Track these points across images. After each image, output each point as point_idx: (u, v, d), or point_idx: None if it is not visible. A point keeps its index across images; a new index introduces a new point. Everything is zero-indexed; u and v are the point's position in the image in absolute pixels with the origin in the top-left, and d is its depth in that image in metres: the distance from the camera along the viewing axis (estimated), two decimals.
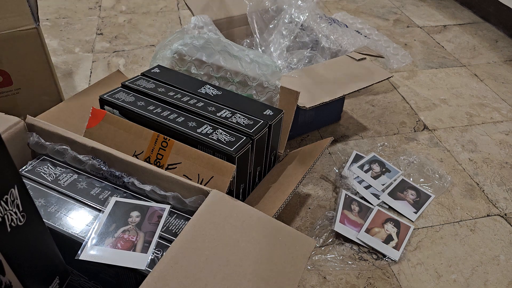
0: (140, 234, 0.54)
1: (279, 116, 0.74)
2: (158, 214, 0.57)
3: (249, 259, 0.49)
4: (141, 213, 0.57)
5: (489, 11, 1.67)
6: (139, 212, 0.57)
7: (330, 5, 1.75)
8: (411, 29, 1.61)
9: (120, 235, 0.54)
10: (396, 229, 0.83)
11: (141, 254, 0.52)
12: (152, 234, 0.55)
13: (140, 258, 0.51)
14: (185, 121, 0.69)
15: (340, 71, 1.04)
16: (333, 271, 0.76)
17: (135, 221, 0.56)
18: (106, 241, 0.53)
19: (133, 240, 0.53)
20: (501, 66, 1.40)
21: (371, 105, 1.19)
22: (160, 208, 0.58)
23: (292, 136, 1.04)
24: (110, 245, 0.52)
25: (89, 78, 1.23)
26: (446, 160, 1.02)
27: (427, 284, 0.74)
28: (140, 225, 0.55)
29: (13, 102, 0.88)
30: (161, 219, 0.57)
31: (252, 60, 0.82)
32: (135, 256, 0.51)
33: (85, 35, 1.44)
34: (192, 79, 0.81)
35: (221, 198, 0.55)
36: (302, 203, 0.88)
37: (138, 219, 0.56)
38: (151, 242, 0.53)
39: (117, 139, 0.67)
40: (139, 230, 0.55)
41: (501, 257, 0.80)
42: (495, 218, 0.88)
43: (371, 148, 1.04)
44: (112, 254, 0.51)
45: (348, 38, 1.18)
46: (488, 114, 1.18)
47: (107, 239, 0.53)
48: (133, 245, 0.53)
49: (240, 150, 0.64)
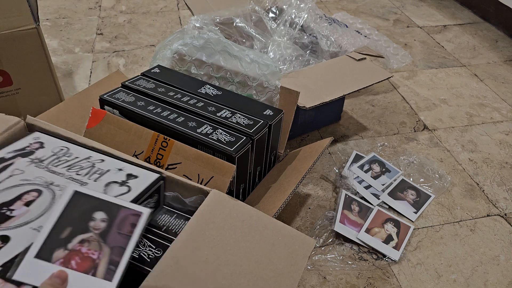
0: (104, 249, 0.40)
1: (279, 116, 0.74)
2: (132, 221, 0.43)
3: (249, 259, 0.49)
4: (109, 215, 0.43)
5: (489, 11, 1.67)
6: (106, 213, 0.43)
7: (330, 5, 1.75)
8: (411, 29, 1.61)
9: (77, 247, 0.39)
10: (396, 229, 0.83)
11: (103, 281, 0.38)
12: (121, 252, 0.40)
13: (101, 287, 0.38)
14: (185, 121, 0.69)
15: (340, 71, 1.04)
16: (333, 271, 0.76)
17: (98, 227, 0.42)
18: (55, 254, 0.39)
19: (94, 258, 0.39)
20: (501, 66, 1.40)
21: (371, 105, 1.19)
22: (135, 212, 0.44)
23: (292, 136, 1.04)
24: (60, 261, 0.39)
25: (89, 78, 1.23)
26: (446, 160, 1.02)
27: (427, 284, 0.74)
28: (105, 235, 0.41)
29: (13, 102, 0.88)
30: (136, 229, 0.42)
31: (252, 60, 0.82)
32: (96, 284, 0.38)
33: (85, 35, 1.44)
34: (192, 79, 0.81)
35: (221, 198, 0.55)
36: (302, 203, 0.88)
37: (104, 225, 0.42)
38: (118, 264, 0.39)
39: (117, 139, 0.67)
40: (103, 243, 0.40)
41: (501, 257, 0.80)
42: (495, 218, 0.88)
43: (371, 148, 1.04)
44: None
45: (348, 38, 1.18)
46: (488, 114, 1.18)
47: (57, 250, 0.39)
48: (93, 266, 0.39)
49: (240, 150, 0.64)
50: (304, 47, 1.19)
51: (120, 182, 0.50)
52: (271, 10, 1.25)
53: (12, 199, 0.47)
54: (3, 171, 0.50)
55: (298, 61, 1.12)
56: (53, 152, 0.54)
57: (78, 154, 0.54)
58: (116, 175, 0.52)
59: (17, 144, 0.55)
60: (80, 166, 0.53)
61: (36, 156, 0.54)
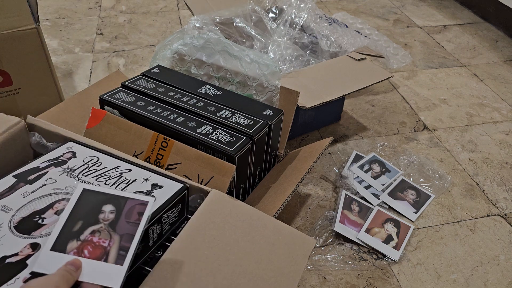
0: (114, 237, 0.43)
1: (279, 116, 0.74)
2: (139, 210, 0.46)
3: (249, 259, 0.49)
4: (116, 207, 0.46)
5: (489, 11, 1.67)
6: (114, 206, 0.46)
7: (330, 5, 1.75)
8: (411, 29, 1.61)
9: (88, 237, 0.42)
10: (396, 229, 0.83)
11: (115, 266, 0.40)
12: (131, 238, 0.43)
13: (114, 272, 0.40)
14: (185, 121, 0.69)
15: (340, 71, 1.04)
16: (333, 271, 0.76)
17: (108, 219, 0.44)
18: (69, 245, 0.41)
19: (104, 246, 0.42)
20: (501, 66, 1.40)
21: (371, 105, 1.19)
22: (141, 201, 0.47)
23: (292, 136, 1.04)
24: (74, 251, 0.41)
25: (89, 78, 1.23)
26: (446, 160, 1.02)
27: (427, 284, 0.74)
28: (114, 225, 0.44)
29: (13, 102, 0.88)
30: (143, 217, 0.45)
31: (252, 60, 0.82)
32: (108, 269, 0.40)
33: (85, 35, 1.44)
34: (192, 79, 0.81)
35: (221, 198, 0.55)
36: (302, 203, 0.88)
37: (112, 216, 0.45)
38: (128, 249, 0.42)
39: (117, 139, 0.67)
40: (113, 232, 0.43)
41: (501, 257, 0.79)
42: (495, 218, 0.88)
43: (371, 148, 1.04)
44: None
45: (348, 38, 1.18)
46: (488, 114, 1.18)
47: (71, 242, 0.42)
48: (104, 253, 0.41)
49: (240, 150, 0.64)
50: (304, 47, 1.19)
51: (145, 192, 0.52)
52: (271, 10, 1.25)
53: (44, 207, 0.48)
54: (38, 180, 0.52)
55: (298, 61, 1.12)
56: (84, 162, 0.56)
57: (107, 164, 0.56)
58: (142, 185, 0.53)
59: (51, 154, 0.58)
60: (108, 176, 0.54)
61: (68, 166, 0.55)
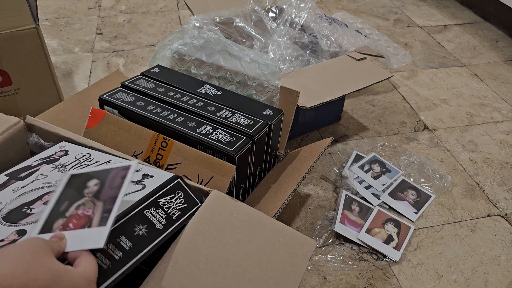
0: (98, 204, 0.43)
1: (279, 116, 0.74)
2: (122, 175, 0.45)
3: (249, 259, 0.49)
4: (101, 179, 0.46)
5: (489, 11, 1.67)
6: (98, 179, 0.46)
7: (330, 5, 1.75)
8: (411, 29, 1.61)
9: (73, 212, 0.42)
10: (397, 229, 0.83)
11: (98, 228, 0.40)
12: (113, 200, 0.42)
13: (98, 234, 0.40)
14: (185, 121, 0.69)
15: (340, 71, 1.04)
16: (333, 271, 0.76)
17: (92, 191, 0.44)
18: (55, 224, 0.42)
19: (88, 214, 0.42)
20: (502, 66, 1.40)
21: (371, 105, 1.19)
22: (123, 167, 0.46)
23: (292, 136, 1.04)
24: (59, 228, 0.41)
25: (88, 78, 1.23)
26: (446, 160, 1.02)
27: (427, 284, 0.74)
28: (98, 194, 0.44)
29: (13, 102, 0.88)
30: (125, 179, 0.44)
31: (252, 60, 0.82)
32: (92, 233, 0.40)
33: (84, 35, 1.44)
34: (192, 79, 0.81)
35: (221, 198, 0.55)
36: (302, 203, 0.88)
37: (97, 188, 0.45)
38: (111, 210, 0.41)
39: (117, 139, 0.67)
40: (97, 200, 0.43)
41: (501, 257, 0.79)
42: (496, 218, 0.88)
43: (371, 148, 1.03)
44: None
45: (348, 38, 1.18)
46: (488, 114, 1.18)
47: (57, 221, 0.42)
48: (88, 221, 0.41)
49: (240, 150, 0.64)
50: (304, 47, 1.19)
51: (135, 181, 0.52)
52: (271, 10, 1.25)
53: (33, 199, 0.49)
54: (29, 177, 0.53)
55: (298, 61, 1.12)
56: (75, 158, 0.56)
57: (98, 159, 0.56)
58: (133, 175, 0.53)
59: (44, 153, 0.58)
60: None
61: (60, 163, 0.56)
